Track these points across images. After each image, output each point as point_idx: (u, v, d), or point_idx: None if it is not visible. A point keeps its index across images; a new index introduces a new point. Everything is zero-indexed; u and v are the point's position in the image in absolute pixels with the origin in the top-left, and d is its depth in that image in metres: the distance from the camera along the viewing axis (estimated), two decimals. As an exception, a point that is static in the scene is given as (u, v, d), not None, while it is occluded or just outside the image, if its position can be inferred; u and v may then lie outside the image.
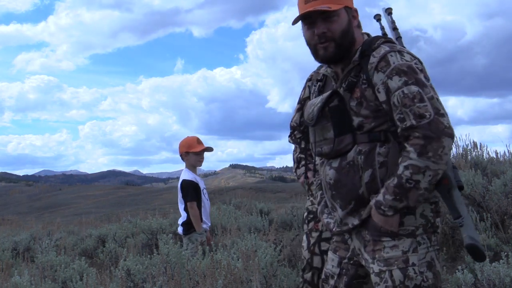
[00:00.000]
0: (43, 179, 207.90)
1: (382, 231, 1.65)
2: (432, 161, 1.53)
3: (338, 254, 1.84)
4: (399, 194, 1.57)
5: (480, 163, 5.89)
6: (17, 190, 56.01)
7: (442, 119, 1.56)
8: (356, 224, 1.71)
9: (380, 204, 1.61)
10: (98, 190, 51.81)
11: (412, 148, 1.55)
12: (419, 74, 1.62)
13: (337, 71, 1.81)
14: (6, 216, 22.65)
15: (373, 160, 1.66)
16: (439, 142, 1.53)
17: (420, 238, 1.65)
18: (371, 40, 1.75)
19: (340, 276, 1.81)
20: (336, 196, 1.75)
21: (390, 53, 1.65)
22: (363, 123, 1.68)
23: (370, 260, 1.68)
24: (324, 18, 1.71)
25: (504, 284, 2.94)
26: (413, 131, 1.56)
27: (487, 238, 4.03)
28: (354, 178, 1.68)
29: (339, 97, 1.72)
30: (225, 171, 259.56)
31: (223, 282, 3.25)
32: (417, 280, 1.61)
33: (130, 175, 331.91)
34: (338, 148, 1.71)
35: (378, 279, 1.64)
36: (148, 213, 10.25)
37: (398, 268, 1.62)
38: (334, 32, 1.72)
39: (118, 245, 6.45)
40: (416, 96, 1.57)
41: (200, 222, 4.40)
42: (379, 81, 1.64)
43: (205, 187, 4.74)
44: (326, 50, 1.73)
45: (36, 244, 7.21)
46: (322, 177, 1.83)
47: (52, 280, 4.42)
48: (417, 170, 1.54)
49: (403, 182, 1.56)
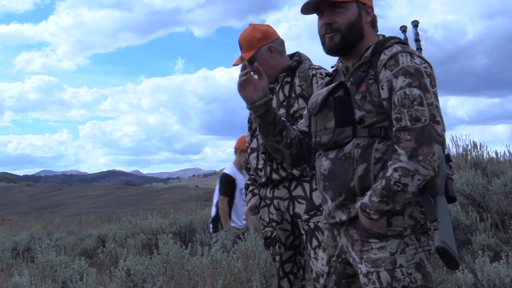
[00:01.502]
0: (43, 179, 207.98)
1: (370, 233, 1.65)
2: (422, 165, 1.53)
3: (327, 252, 1.84)
4: (386, 196, 1.56)
5: (480, 163, 5.89)
6: (17, 190, 56.04)
7: (436, 126, 1.56)
8: (344, 220, 1.71)
9: (365, 206, 1.60)
10: (98, 190, 51.82)
11: (403, 151, 1.55)
12: (425, 78, 1.62)
13: (348, 65, 1.82)
14: (6, 216, 22.67)
15: (369, 155, 1.66)
16: (430, 147, 1.54)
17: (408, 239, 1.64)
18: (385, 39, 1.77)
19: (329, 275, 1.81)
20: (328, 187, 1.75)
21: (401, 53, 1.66)
22: (365, 117, 1.69)
23: (358, 260, 1.68)
24: (332, 9, 1.75)
25: (504, 284, 2.94)
26: (406, 133, 1.57)
27: (487, 238, 4.03)
28: (348, 170, 1.68)
29: (345, 89, 1.73)
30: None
31: (223, 282, 3.25)
32: (405, 281, 1.60)
33: (130, 175, 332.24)
34: (337, 139, 1.72)
35: (366, 280, 1.64)
36: (148, 213, 10.26)
37: (385, 269, 1.61)
38: (340, 23, 1.74)
39: (118, 245, 6.46)
40: (416, 99, 1.58)
41: (227, 218, 4.33)
42: (384, 78, 1.65)
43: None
44: (331, 40, 1.76)
45: (36, 244, 7.21)
46: (317, 168, 1.83)
47: (52, 280, 4.43)
48: (406, 173, 1.54)
49: (391, 184, 1.55)
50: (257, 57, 2.68)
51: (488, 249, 3.89)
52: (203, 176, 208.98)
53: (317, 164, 1.83)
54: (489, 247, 3.94)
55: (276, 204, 2.67)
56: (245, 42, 2.71)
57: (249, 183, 2.88)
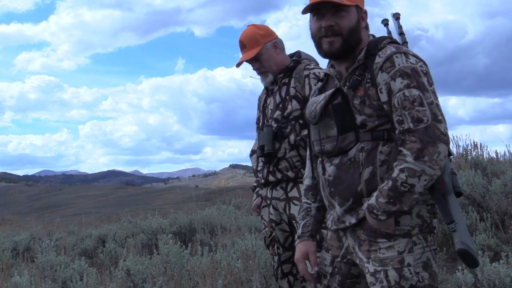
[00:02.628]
0: (43, 179, 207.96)
1: (378, 232, 1.64)
2: (428, 165, 1.53)
3: (330, 253, 1.83)
4: (393, 197, 1.56)
5: (480, 163, 5.89)
6: (17, 190, 56.03)
7: (439, 125, 1.56)
8: (354, 223, 1.71)
9: (372, 208, 1.60)
10: (98, 190, 51.82)
11: (408, 152, 1.55)
12: (422, 77, 1.62)
13: (341, 70, 1.80)
14: (6, 216, 22.64)
15: (374, 158, 1.66)
16: (435, 147, 1.53)
17: (415, 238, 1.65)
18: (377, 40, 1.75)
19: (333, 275, 1.80)
20: (335, 193, 1.74)
21: (396, 54, 1.65)
22: (366, 122, 1.68)
23: (365, 259, 1.68)
24: (334, 11, 1.71)
25: (504, 284, 2.94)
26: (410, 134, 1.57)
27: (487, 238, 4.03)
28: (354, 175, 1.68)
29: (343, 95, 1.72)
30: (225, 171, 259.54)
31: (223, 282, 3.25)
32: (412, 280, 1.60)
33: (130, 175, 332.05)
34: (341, 146, 1.71)
35: (373, 279, 1.64)
36: (148, 213, 10.26)
37: (393, 268, 1.61)
38: (342, 27, 1.71)
39: (118, 245, 6.45)
40: (416, 100, 1.58)
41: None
42: (382, 81, 1.64)
43: None
44: (332, 45, 1.73)
45: (36, 244, 7.21)
46: (320, 175, 1.82)
47: (52, 280, 4.43)
48: (412, 174, 1.54)
49: (398, 185, 1.55)
50: (262, 53, 2.65)
51: (488, 249, 3.89)
52: (203, 176, 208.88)
53: (320, 171, 1.82)
54: (489, 247, 3.94)
55: (274, 204, 2.68)
56: (249, 39, 2.66)
57: (255, 185, 2.91)
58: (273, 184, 2.67)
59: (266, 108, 2.74)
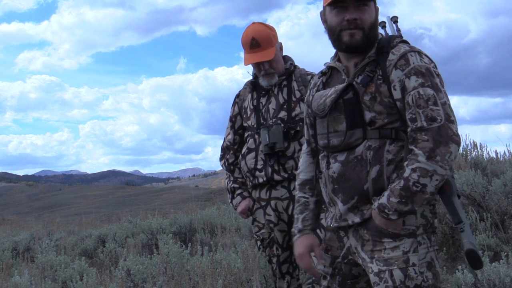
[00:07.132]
0: (43, 179, 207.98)
1: (384, 232, 1.64)
2: (440, 165, 1.53)
3: (330, 253, 1.82)
4: (405, 197, 1.56)
5: (480, 163, 5.88)
6: (17, 190, 56.03)
7: (452, 125, 1.57)
8: (357, 222, 1.70)
9: (384, 207, 1.59)
10: (98, 190, 51.82)
11: (420, 151, 1.54)
12: (435, 78, 1.63)
13: (348, 65, 1.79)
14: (6, 216, 22.65)
15: (381, 157, 1.65)
16: (447, 147, 1.53)
17: (420, 238, 1.65)
18: (389, 38, 1.76)
19: (333, 276, 1.79)
20: (339, 190, 1.73)
21: (410, 52, 1.66)
22: (376, 119, 1.67)
23: (368, 259, 1.67)
24: (357, 5, 1.71)
25: (504, 284, 2.94)
26: (422, 133, 1.56)
27: (487, 238, 4.03)
28: (361, 173, 1.67)
29: (354, 90, 1.71)
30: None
31: (223, 282, 3.25)
32: (417, 280, 1.60)
33: (130, 175, 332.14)
34: (348, 142, 1.70)
35: (378, 279, 1.63)
36: (148, 213, 10.25)
37: (398, 268, 1.61)
38: (365, 21, 1.71)
39: (118, 245, 6.45)
40: (430, 99, 1.58)
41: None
42: (396, 78, 1.64)
43: None
44: (353, 37, 1.71)
45: (36, 244, 7.21)
46: (323, 171, 1.80)
47: (52, 280, 4.42)
48: (425, 174, 1.54)
49: (410, 185, 1.55)
50: (275, 54, 2.64)
51: (488, 249, 3.89)
52: (203, 176, 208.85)
53: (322, 166, 1.81)
54: (489, 247, 3.93)
55: (273, 205, 2.66)
56: (263, 39, 2.62)
57: (236, 186, 2.83)
58: (272, 184, 2.66)
59: (263, 107, 2.73)
